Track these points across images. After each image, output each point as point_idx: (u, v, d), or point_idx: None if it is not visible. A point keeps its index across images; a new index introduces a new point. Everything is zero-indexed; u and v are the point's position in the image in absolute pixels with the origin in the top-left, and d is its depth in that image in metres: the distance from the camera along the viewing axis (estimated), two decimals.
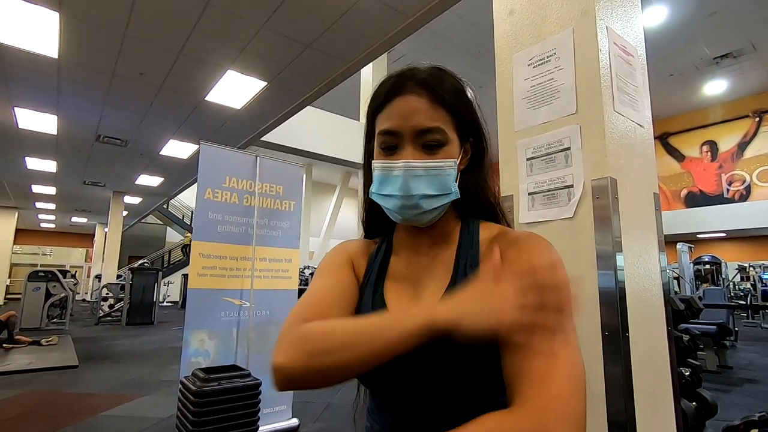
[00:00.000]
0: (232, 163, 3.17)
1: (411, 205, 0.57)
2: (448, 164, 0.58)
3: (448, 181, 0.58)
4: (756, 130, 13.53)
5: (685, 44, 10.31)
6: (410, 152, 0.57)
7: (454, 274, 0.58)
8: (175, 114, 6.06)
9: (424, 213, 0.58)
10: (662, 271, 1.33)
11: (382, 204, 0.60)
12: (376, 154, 0.60)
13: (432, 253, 0.62)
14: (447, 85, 0.59)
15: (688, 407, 1.97)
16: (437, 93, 0.58)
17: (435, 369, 0.52)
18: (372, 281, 0.63)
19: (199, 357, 2.84)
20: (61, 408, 3.59)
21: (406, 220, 0.60)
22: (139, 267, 10.67)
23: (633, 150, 1.30)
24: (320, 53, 4.31)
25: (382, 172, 0.59)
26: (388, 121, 0.58)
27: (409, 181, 0.56)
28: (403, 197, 0.57)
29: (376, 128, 0.61)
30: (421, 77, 0.59)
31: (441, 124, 0.57)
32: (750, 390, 4.38)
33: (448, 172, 0.58)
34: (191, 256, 2.94)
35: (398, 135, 0.57)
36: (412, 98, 0.57)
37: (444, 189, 0.58)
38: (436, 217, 0.59)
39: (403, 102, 0.58)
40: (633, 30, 1.45)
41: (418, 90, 0.58)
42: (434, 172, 0.57)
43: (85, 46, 4.26)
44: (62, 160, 8.42)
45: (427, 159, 0.57)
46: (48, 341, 6.47)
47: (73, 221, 18.56)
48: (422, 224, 0.60)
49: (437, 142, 0.57)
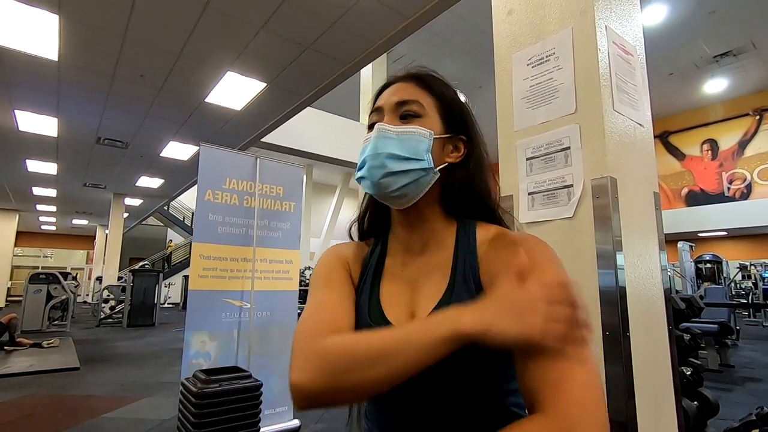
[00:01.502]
0: (232, 165, 3.17)
1: (378, 164, 0.57)
2: (420, 132, 0.58)
3: (419, 147, 0.57)
4: (756, 129, 13.50)
5: (685, 42, 10.30)
6: (387, 120, 0.60)
7: (452, 275, 0.57)
8: (175, 116, 6.07)
9: (390, 174, 0.56)
10: (663, 270, 1.33)
11: (358, 177, 0.60)
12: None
13: (427, 254, 0.61)
14: (434, 78, 0.63)
15: (690, 406, 1.97)
16: (422, 80, 0.62)
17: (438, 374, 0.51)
18: (368, 283, 0.63)
19: (200, 358, 2.84)
20: (63, 410, 3.59)
21: (375, 187, 0.58)
22: (140, 269, 10.69)
23: (633, 149, 1.30)
24: (320, 54, 4.31)
25: (362, 146, 0.61)
26: (375, 104, 0.63)
27: (378, 141, 0.58)
28: (371, 156, 0.58)
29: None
30: (412, 72, 0.64)
31: (419, 99, 0.60)
32: (752, 389, 4.37)
33: (419, 138, 0.58)
34: (191, 257, 2.94)
35: (380, 110, 0.61)
36: (398, 85, 0.63)
37: (413, 153, 0.57)
38: (409, 191, 0.58)
39: (390, 88, 0.63)
40: (632, 29, 1.45)
41: (406, 78, 0.63)
42: (405, 137, 0.58)
43: (85, 49, 4.26)
44: (63, 162, 8.43)
45: (401, 125, 0.59)
46: (49, 343, 6.47)
47: (74, 223, 18.57)
48: (395, 199, 0.59)
49: (413, 113, 0.59)
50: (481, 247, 0.58)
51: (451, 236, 0.62)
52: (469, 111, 0.65)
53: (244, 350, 3.03)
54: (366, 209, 0.70)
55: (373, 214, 0.69)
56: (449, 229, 0.62)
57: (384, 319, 0.58)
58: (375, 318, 0.58)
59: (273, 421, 3.05)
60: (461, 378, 0.51)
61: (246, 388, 2.47)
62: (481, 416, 0.52)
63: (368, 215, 0.70)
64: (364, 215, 0.70)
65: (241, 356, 3.02)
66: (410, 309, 0.58)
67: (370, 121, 0.63)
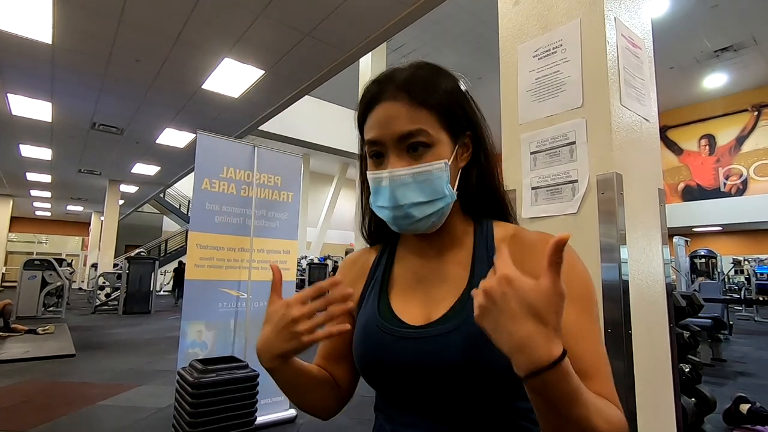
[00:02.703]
0: (230, 153, 3.14)
1: (402, 216, 0.55)
2: (437, 167, 0.54)
3: (439, 184, 0.54)
4: (754, 125, 13.52)
5: (687, 37, 10.23)
6: (395, 160, 0.55)
7: (470, 275, 0.56)
8: (171, 102, 5.99)
9: (418, 222, 0.55)
10: (665, 265, 1.33)
11: (379, 215, 0.59)
12: (369, 164, 0.59)
13: (443, 257, 0.60)
14: (428, 84, 0.56)
15: (688, 403, 1.98)
16: (417, 94, 0.55)
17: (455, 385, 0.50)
18: (377, 286, 0.62)
19: (197, 348, 2.83)
20: (58, 397, 3.59)
21: (405, 230, 0.58)
22: (135, 256, 10.64)
23: (639, 145, 1.28)
24: (319, 42, 4.25)
25: (373, 183, 0.57)
26: (371, 131, 0.56)
27: (396, 190, 0.54)
28: (393, 208, 0.55)
29: (364, 137, 0.59)
30: (401, 79, 0.56)
31: (423, 126, 0.54)
32: (743, 383, 4.43)
33: (438, 175, 0.54)
34: (188, 246, 2.91)
35: (382, 144, 0.55)
36: (390, 104, 0.55)
37: (435, 194, 0.54)
38: (435, 222, 0.56)
39: (382, 109, 0.55)
40: (641, 21, 1.42)
41: (396, 94, 0.55)
42: (422, 177, 0.54)
43: (80, 32, 4.18)
44: (57, 147, 8.33)
45: (414, 164, 0.54)
46: (44, 330, 6.46)
47: (69, 209, 18.45)
48: (424, 231, 0.57)
49: (422, 144, 0.54)
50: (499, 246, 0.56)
51: (469, 236, 0.60)
52: (469, 98, 0.61)
53: (241, 340, 3.03)
54: (363, 216, 0.67)
55: (375, 223, 0.66)
56: (467, 230, 0.61)
57: (395, 317, 0.57)
58: (386, 318, 0.57)
59: (269, 410, 3.06)
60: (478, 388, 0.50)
61: (243, 378, 2.47)
62: (493, 418, 0.52)
63: (370, 224, 0.67)
64: (369, 222, 0.67)
65: (237, 346, 3.01)
66: (425, 309, 0.56)
67: (370, 151, 0.57)
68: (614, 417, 0.44)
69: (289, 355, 0.54)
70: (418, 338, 0.53)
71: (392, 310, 0.58)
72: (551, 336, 0.38)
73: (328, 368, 0.65)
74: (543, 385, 0.38)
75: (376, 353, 0.55)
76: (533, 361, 0.37)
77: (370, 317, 0.58)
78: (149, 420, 3.11)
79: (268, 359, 0.55)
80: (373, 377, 0.57)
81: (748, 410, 3.06)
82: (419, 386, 0.52)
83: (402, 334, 0.54)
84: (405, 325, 0.55)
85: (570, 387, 0.38)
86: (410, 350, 0.53)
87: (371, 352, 0.56)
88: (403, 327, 0.55)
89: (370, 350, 0.56)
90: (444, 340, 0.51)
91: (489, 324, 0.40)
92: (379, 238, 0.69)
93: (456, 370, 0.50)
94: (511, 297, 0.39)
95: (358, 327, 0.60)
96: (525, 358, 0.38)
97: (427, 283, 0.59)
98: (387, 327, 0.56)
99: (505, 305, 0.39)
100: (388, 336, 0.55)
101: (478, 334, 0.48)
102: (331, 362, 0.65)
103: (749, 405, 3.08)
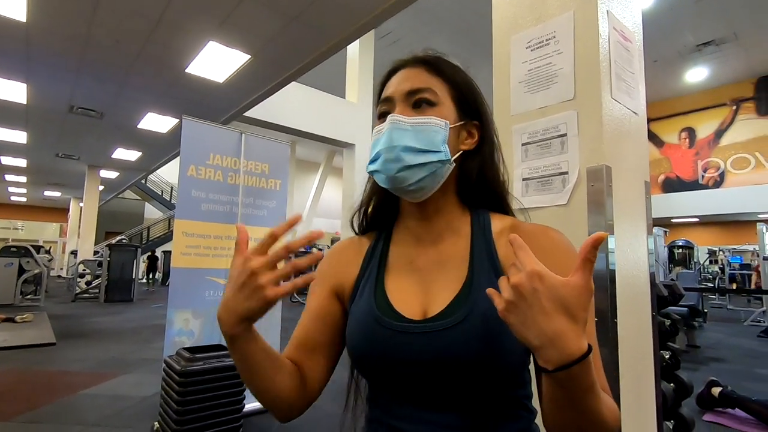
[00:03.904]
0: (216, 140, 3.08)
1: (393, 158, 0.54)
2: (436, 121, 0.56)
3: (436, 138, 0.55)
4: (732, 119, 13.86)
5: (671, 30, 10.37)
6: (399, 111, 0.57)
7: (470, 267, 0.56)
8: (153, 86, 5.82)
9: (407, 168, 0.54)
10: (650, 254, 1.36)
11: (370, 170, 0.58)
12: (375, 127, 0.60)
13: (440, 245, 0.60)
14: (448, 64, 0.61)
15: (667, 388, 2.07)
16: (432, 64, 0.59)
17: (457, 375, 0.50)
18: (372, 276, 0.60)
19: (183, 336, 2.81)
20: (39, 386, 3.53)
21: (391, 181, 0.56)
22: (117, 243, 10.44)
23: (628, 138, 1.30)
24: (307, 27, 4.17)
25: (374, 138, 0.58)
26: (385, 93, 0.60)
27: (393, 132, 0.55)
28: (386, 149, 0.55)
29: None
30: (420, 56, 0.61)
31: (432, 86, 0.58)
32: (716, 368, 4.62)
33: (435, 129, 0.55)
34: (174, 234, 2.87)
35: (390, 100, 0.58)
36: (408, 69, 0.60)
37: (430, 145, 0.55)
38: (426, 182, 0.56)
39: (400, 74, 0.60)
40: (632, 15, 1.43)
41: (415, 63, 0.60)
42: (420, 128, 0.55)
43: (56, 10, 4.01)
44: (33, 131, 8.05)
45: (414, 116, 0.56)
46: (22, 318, 6.32)
47: (46, 195, 17.92)
48: (412, 193, 0.57)
49: (426, 101, 0.57)
50: (498, 238, 0.58)
51: (466, 226, 0.60)
52: (480, 93, 0.63)
53: None
54: (370, 199, 0.66)
55: (379, 205, 0.66)
56: (464, 219, 0.61)
57: (393, 311, 0.56)
58: (384, 311, 0.56)
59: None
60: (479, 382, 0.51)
61: (231, 366, 2.47)
62: (493, 408, 0.53)
63: (374, 206, 0.66)
64: (368, 206, 0.67)
65: None
66: (423, 301, 0.56)
67: (379, 111, 0.60)
68: (613, 405, 0.46)
69: (254, 317, 0.48)
70: (418, 333, 0.52)
71: (389, 302, 0.57)
72: (580, 331, 0.39)
73: (298, 359, 0.60)
74: (568, 377, 0.39)
75: (373, 347, 0.54)
76: (566, 354, 0.38)
77: (367, 309, 0.57)
78: (134, 409, 3.09)
79: (229, 324, 0.48)
80: (369, 370, 0.57)
81: (719, 393, 3.20)
82: (418, 380, 0.52)
83: (401, 328, 0.53)
84: (404, 318, 0.54)
85: (591, 379, 0.40)
86: (410, 345, 0.52)
87: (368, 345, 0.55)
88: (401, 321, 0.54)
89: (366, 344, 0.55)
90: (445, 336, 0.51)
91: (516, 318, 0.41)
92: (373, 226, 0.68)
93: (458, 365, 0.50)
94: (543, 293, 0.39)
95: (354, 319, 0.58)
96: (556, 353, 0.39)
97: (423, 273, 0.58)
98: (385, 321, 0.55)
99: (535, 301, 0.40)
100: (387, 330, 0.54)
101: (481, 330, 0.50)
102: (304, 353, 0.60)
103: (720, 388, 3.22)
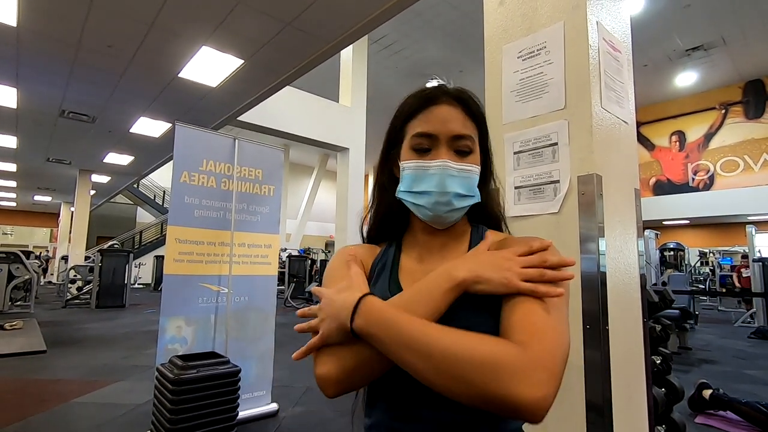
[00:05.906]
0: (210, 146, 3.07)
1: (444, 202, 0.63)
2: (475, 169, 0.65)
3: (473, 183, 0.65)
4: (722, 122, 14.06)
5: (660, 35, 10.51)
6: (446, 154, 0.63)
7: None
8: (146, 90, 5.80)
9: (454, 210, 0.63)
10: (640, 257, 1.38)
11: (412, 201, 0.65)
12: (406, 156, 0.65)
13: (445, 251, 0.68)
14: (474, 103, 0.67)
15: (659, 393, 2.09)
16: (469, 106, 0.66)
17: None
18: (387, 272, 0.68)
19: (176, 344, 2.79)
20: (30, 395, 3.48)
21: (435, 218, 0.64)
22: (109, 248, 10.32)
23: (618, 146, 1.32)
24: (300, 32, 4.18)
25: (416, 171, 0.64)
26: (425, 125, 0.64)
27: (445, 179, 0.62)
28: (439, 194, 0.62)
29: (407, 133, 0.66)
30: (453, 92, 0.66)
31: (471, 134, 0.65)
32: (707, 369, 4.66)
33: (474, 177, 0.65)
34: (167, 240, 2.85)
35: (434, 138, 0.63)
36: (447, 107, 0.64)
37: (471, 191, 0.64)
38: (458, 217, 0.66)
39: (439, 109, 0.64)
40: (621, 25, 1.45)
41: (451, 101, 0.65)
42: (465, 174, 0.63)
43: (48, 14, 3.99)
44: (23, 135, 7.97)
45: (460, 162, 0.63)
46: (12, 325, 6.22)
47: (36, 200, 17.71)
48: (445, 224, 0.66)
49: (468, 149, 0.64)
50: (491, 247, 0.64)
51: (466, 236, 0.70)
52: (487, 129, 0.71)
53: (222, 335, 3.00)
54: (384, 213, 0.73)
55: (392, 218, 0.73)
56: (466, 230, 0.71)
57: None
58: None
59: (251, 405, 3.05)
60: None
61: (224, 374, 2.46)
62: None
63: (386, 218, 0.73)
64: (382, 219, 0.74)
65: (218, 341, 2.98)
66: None
67: (419, 144, 0.64)
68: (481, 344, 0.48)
69: (480, 289, 0.55)
70: None
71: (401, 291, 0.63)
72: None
73: None
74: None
75: None
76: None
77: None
78: (127, 417, 3.06)
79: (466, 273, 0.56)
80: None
81: (710, 396, 3.23)
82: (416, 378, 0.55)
83: None
84: None
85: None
86: None
87: None
88: None
89: None
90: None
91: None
92: (383, 236, 0.75)
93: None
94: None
95: None
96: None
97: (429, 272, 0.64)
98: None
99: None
100: None
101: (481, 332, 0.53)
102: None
103: (711, 391, 3.25)
